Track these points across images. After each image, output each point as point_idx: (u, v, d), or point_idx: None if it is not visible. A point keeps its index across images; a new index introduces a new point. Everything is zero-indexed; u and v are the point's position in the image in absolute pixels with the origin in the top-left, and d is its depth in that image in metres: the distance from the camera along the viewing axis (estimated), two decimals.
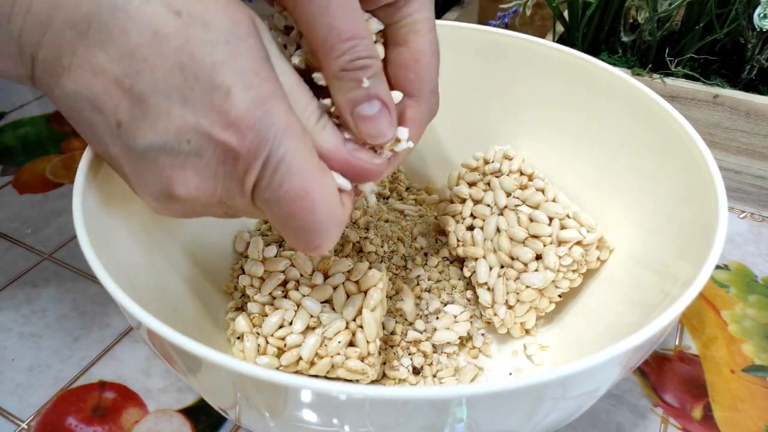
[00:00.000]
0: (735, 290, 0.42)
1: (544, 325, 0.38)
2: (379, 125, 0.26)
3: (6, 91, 0.62)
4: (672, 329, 0.40)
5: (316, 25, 0.24)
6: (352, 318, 0.31)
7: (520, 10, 0.53)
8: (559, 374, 0.21)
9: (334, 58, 0.24)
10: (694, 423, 0.35)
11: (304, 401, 0.22)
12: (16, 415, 0.34)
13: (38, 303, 0.41)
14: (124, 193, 0.31)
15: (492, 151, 0.38)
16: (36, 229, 0.46)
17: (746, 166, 0.47)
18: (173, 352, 0.23)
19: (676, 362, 0.38)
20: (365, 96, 0.25)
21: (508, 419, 0.23)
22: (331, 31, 0.24)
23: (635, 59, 0.50)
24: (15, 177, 0.51)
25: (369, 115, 0.25)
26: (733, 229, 0.47)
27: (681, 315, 0.27)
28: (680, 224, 0.31)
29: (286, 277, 0.32)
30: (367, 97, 0.25)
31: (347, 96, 0.25)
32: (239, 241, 0.39)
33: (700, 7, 0.45)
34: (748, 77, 0.48)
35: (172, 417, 0.34)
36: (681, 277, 0.28)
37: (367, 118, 0.25)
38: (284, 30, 0.28)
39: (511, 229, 0.35)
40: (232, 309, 0.36)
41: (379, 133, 0.26)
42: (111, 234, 0.29)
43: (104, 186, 0.30)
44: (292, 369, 0.31)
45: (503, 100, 0.41)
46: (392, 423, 0.22)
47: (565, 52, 0.38)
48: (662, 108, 0.33)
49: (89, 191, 0.28)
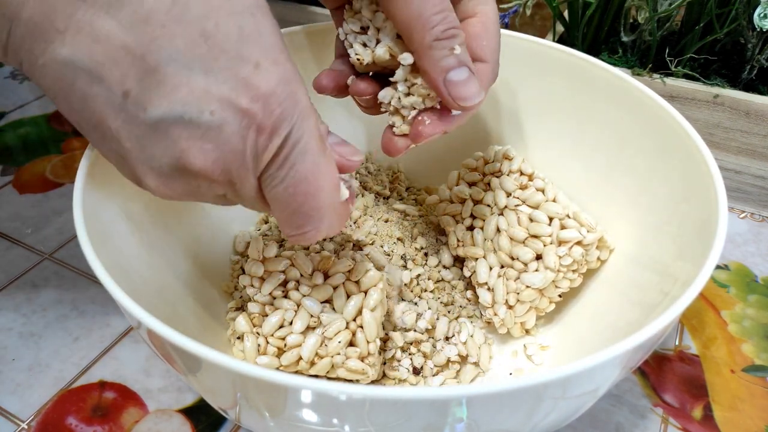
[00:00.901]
0: (735, 290, 0.42)
1: (544, 325, 0.38)
2: (470, 89, 0.27)
3: (6, 91, 0.62)
4: (672, 329, 0.40)
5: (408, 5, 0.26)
6: (352, 318, 0.31)
7: (520, 10, 0.53)
8: (558, 374, 0.21)
9: (429, 28, 0.26)
10: (694, 423, 0.35)
11: (304, 401, 0.22)
12: (16, 415, 0.34)
13: (38, 303, 0.41)
14: (124, 193, 0.31)
15: (492, 151, 0.38)
16: (36, 228, 0.46)
17: (746, 165, 0.47)
18: (173, 351, 0.23)
19: (676, 362, 0.38)
20: (457, 62, 0.27)
21: (508, 419, 0.23)
22: (424, 4, 0.26)
23: (635, 59, 0.50)
24: (15, 177, 0.51)
25: (460, 80, 0.27)
26: (733, 229, 0.47)
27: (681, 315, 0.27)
28: (680, 224, 0.31)
29: (286, 277, 0.32)
30: (458, 64, 0.27)
31: (440, 64, 0.27)
32: (239, 241, 0.39)
33: (701, 7, 0.45)
34: (748, 77, 0.48)
35: (172, 417, 0.34)
36: (681, 277, 0.28)
37: (458, 83, 0.27)
38: (361, 31, 0.30)
39: (511, 229, 0.35)
40: (233, 309, 0.36)
41: (470, 96, 0.28)
42: (111, 234, 0.29)
43: (104, 186, 0.30)
44: (292, 369, 0.31)
45: (503, 100, 0.41)
46: (392, 423, 0.22)
47: (565, 52, 0.38)
48: (662, 108, 0.33)
49: (89, 191, 0.28)
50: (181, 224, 0.35)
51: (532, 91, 0.40)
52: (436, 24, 0.26)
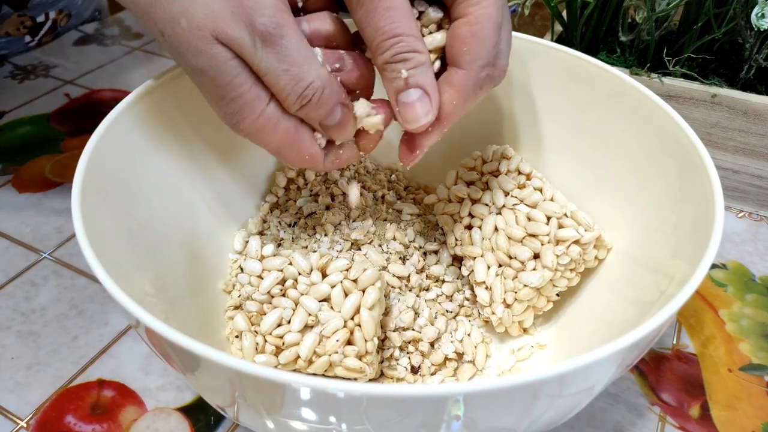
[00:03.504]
0: (733, 289, 0.42)
1: (542, 324, 0.38)
2: (415, 111, 0.28)
3: (6, 91, 0.62)
4: (669, 328, 0.40)
5: (365, 27, 0.28)
6: (350, 316, 0.31)
7: (519, 10, 0.53)
8: (555, 372, 0.21)
9: (380, 53, 0.28)
10: (691, 422, 0.35)
11: (302, 399, 0.22)
12: (15, 414, 0.35)
13: (37, 301, 0.41)
14: (122, 192, 0.31)
15: (490, 150, 0.38)
16: (35, 228, 0.46)
17: (744, 165, 0.47)
18: (171, 350, 0.23)
19: (673, 361, 0.38)
20: (404, 85, 0.28)
21: (505, 417, 0.23)
22: (376, 31, 0.27)
23: (633, 59, 0.50)
24: (14, 176, 0.51)
25: (406, 102, 0.28)
26: (731, 228, 0.47)
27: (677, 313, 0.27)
28: (677, 223, 0.31)
29: (284, 275, 0.33)
30: (406, 86, 0.28)
31: (392, 85, 0.28)
32: (238, 240, 0.39)
33: (698, 7, 0.45)
34: (746, 77, 0.48)
35: (171, 415, 0.35)
36: (677, 276, 0.28)
37: (405, 104, 0.28)
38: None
39: (509, 228, 0.35)
40: (231, 307, 0.36)
41: (414, 119, 0.28)
42: (110, 233, 0.29)
43: (103, 185, 0.30)
44: (290, 367, 0.31)
45: (501, 100, 0.41)
46: (389, 421, 0.22)
47: (563, 51, 0.38)
48: (660, 107, 0.33)
49: (88, 190, 0.28)
50: (180, 223, 0.35)
51: (530, 91, 0.40)
52: (386, 49, 0.27)
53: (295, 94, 0.27)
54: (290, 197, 0.41)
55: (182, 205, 0.36)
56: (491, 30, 0.29)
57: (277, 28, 0.26)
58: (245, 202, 0.41)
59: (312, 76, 0.27)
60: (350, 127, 0.30)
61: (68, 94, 0.62)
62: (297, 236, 0.39)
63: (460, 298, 0.38)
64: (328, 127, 0.29)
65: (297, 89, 0.27)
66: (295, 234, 0.39)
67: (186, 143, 0.36)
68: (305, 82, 0.27)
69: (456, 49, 0.29)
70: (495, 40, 0.29)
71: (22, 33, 0.66)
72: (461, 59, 0.29)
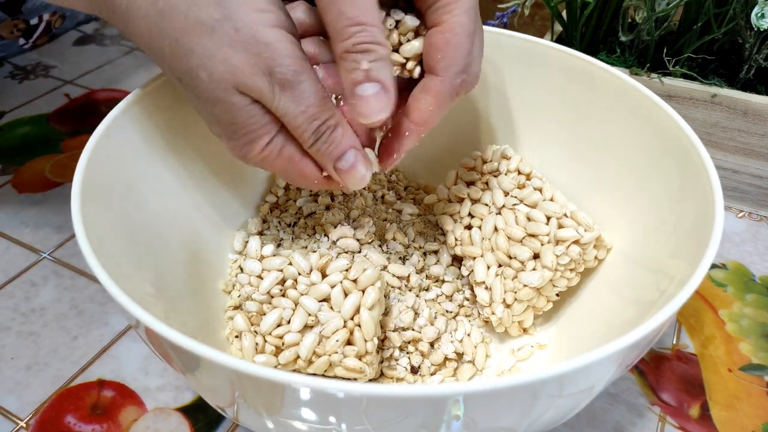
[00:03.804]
0: (733, 289, 0.42)
1: (541, 324, 0.38)
2: (371, 106, 0.27)
3: (6, 91, 0.62)
4: (669, 328, 0.40)
5: (329, 12, 0.27)
6: (350, 317, 0.31)
7: (519, 10, 0.53)
8: (554, 372, 0.21)
9: (340, 41, 0.27)
10: (691, 421, 0.35)
11: (301, 399, 0.22)
12: (14, 414, 0.35)
13: (37, 302, 0.41)
14: (122, 193, 0.31)
15: (490, 150, 0.38)
16: (35, 228, 0.46)
17: (744, 165, 0.47)
18: (171, 350, 0.23)
19: (673, 361, 0.38)
20: (365, 77, 0.27)
21: (505, 417, 0.23)
22: (339, 16, 0.26)
23: (633, 59, 0.50)
24: (14, 176, 0.51)
25: (363, 95, 0.27)
26: (731, 228, 0.47)
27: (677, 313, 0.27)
28: (677, 223, 0.31)
29: (284, 275, 0.33)
30: (366, 79, 0.27)
31: (350, 76, 0.27)
32: (238, 240, 0.39)
33: (698, 7, 0.45)
34: (746, 77, 0.48)
35: (171, 415, 0.35)
36: (677, 276, 0.28)
37: (361, 98, 0.27)
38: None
39: (509, 228, 0.35)
40: (231, 308, 0.36)
41: (369, 113, 0.28)
42: (109, 233, 0.29)
43: (103, 185, 0.30)
44: (290, 367, 0.31)
45: (501, 100, 0.41)
46: (389, 421, 0.22)
47: (563, 51, 0.38)
48: (660, 107, 0.33)
49: (88, 190, 0.28)
50: (179, 223, 0.35)
51: (530, 91, 0.40)
52: (348, 36, 0.27)
53: (310, 129, 0.28)
54: (290, 197, 0.41)
55: (182, 205, 0.36)
56: (464, 37, 0.29)
57: (295, 75, 0.27)
58: (245, 202, 0.41)
59: (327, 114, 0.28)
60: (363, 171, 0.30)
61: (68, 95, 0.62)
62: (297, 236, 0.39)
63: (460, 298, 0.38)
64: (341, 171, 0.30)
65: (312, 126, 0.28)
66: (295, 234, 0.39)
67: (186, 143, 0.36)
68: (320, 120, 0.28)
69: (431, 57, 0.29)
70: (468, 47, 0.29)
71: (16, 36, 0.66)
72: (437, 66, 0.29)
